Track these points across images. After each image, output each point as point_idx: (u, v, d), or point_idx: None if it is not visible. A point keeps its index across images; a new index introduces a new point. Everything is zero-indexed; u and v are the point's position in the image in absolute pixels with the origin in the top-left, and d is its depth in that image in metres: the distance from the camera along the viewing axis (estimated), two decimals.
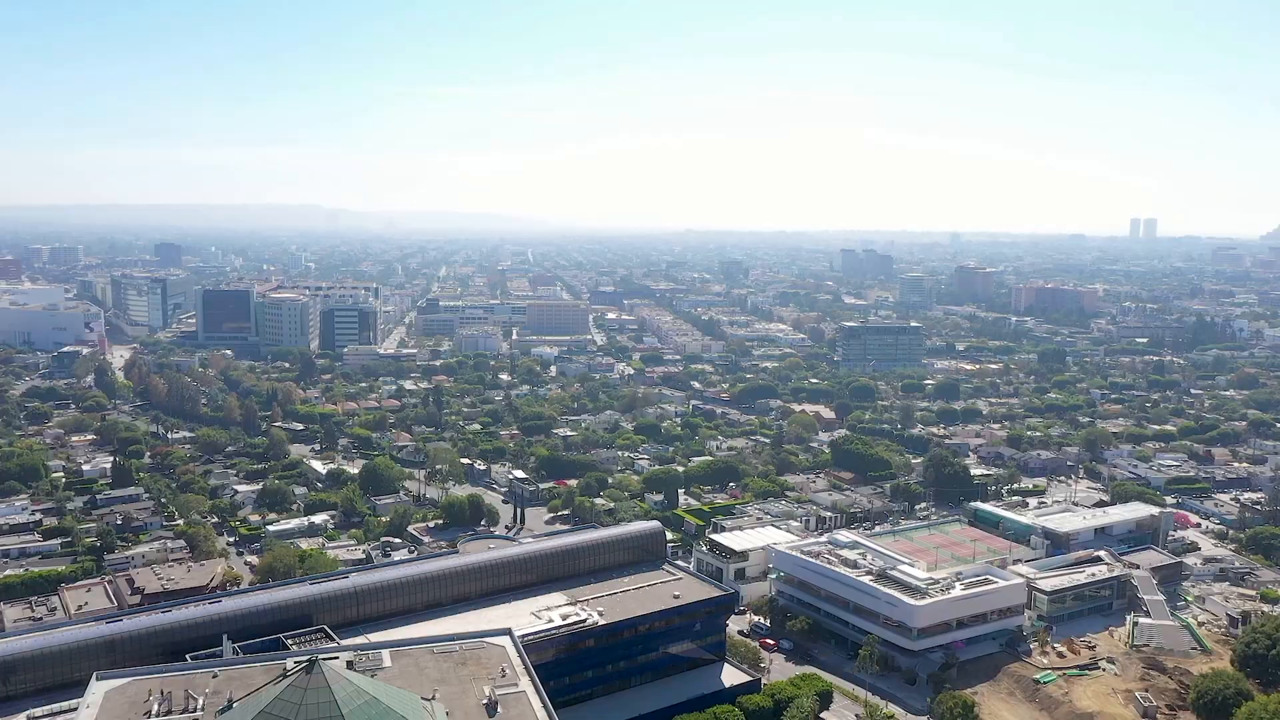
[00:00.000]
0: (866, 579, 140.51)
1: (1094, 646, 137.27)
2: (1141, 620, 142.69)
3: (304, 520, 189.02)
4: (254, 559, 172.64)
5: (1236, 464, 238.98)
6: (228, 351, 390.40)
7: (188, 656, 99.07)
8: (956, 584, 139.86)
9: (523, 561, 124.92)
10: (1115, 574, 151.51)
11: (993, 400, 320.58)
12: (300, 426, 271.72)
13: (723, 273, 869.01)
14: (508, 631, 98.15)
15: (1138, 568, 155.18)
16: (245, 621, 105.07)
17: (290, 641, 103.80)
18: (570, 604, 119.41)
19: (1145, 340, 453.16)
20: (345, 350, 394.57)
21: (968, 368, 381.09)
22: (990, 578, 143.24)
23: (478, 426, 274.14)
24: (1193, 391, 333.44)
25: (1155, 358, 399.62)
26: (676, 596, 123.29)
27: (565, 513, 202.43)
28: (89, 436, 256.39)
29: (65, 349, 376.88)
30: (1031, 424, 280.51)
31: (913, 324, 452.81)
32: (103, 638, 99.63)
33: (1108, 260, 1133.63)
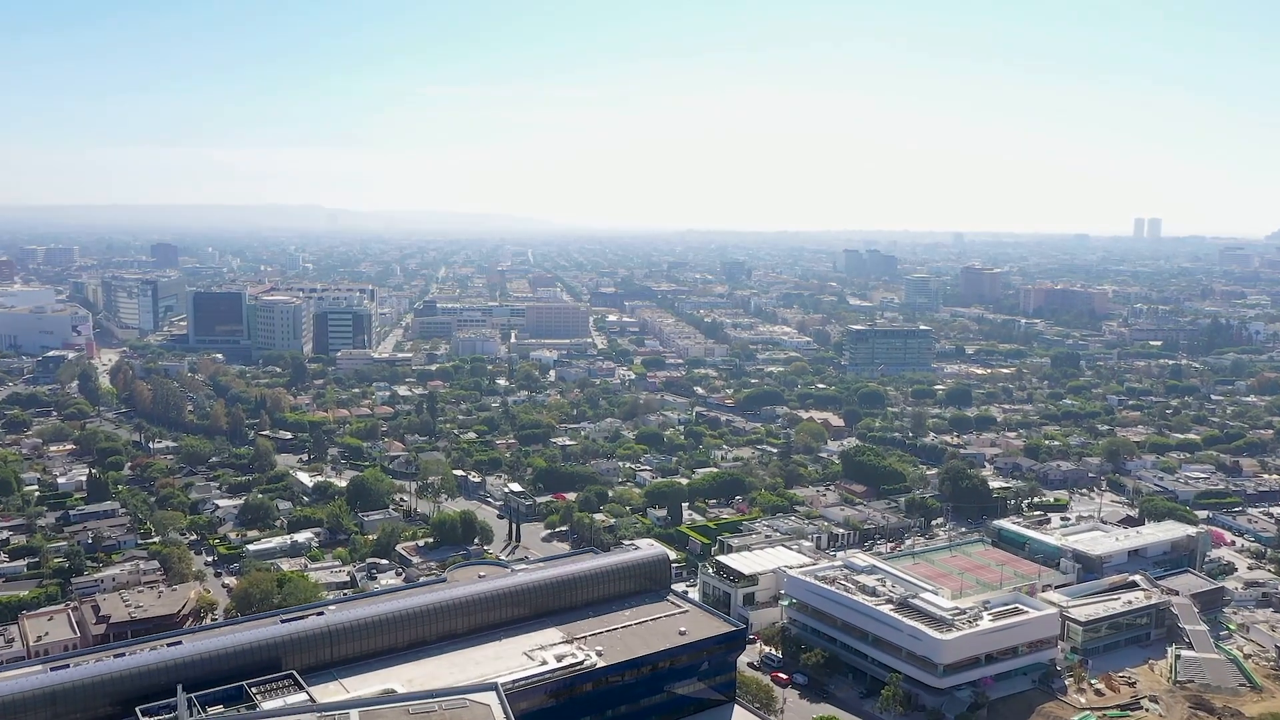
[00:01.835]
0: (886, 608, 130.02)
1: (1134, 683, 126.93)
2: (1184, 653, 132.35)
3: (286, 539, 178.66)
4: (232, 581, 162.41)
5: (1266, 475, 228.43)
6: (218, 355, 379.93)
7: (138, 710, 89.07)
8: (984, 614, 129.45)
9: (514, 595, 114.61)
10: (1153, 601, 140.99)
11: (1006, 406, 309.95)
12: (289, 435, 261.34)
13: (725, 273, 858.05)
14: (494, 687, 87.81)
15: (1176, 594, 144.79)
16: (205, 668, 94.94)
17: (254, 690, 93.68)
18: (566, 642, 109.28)
19: (1159, 343, 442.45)
20: (338, 354, 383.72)
21: (979, 372, 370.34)
22: (1020, 606, 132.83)
23: (473, 435, 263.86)
24: (1213, 397, 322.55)
25: (1171, 361, 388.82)
26: (683, 633, 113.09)
27: (563, 529, 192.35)
28: (68, 446, 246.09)
29: (51, 353, 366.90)
30: (1049, 432, 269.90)
31: (921, 327, 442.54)
32: (44, 689, 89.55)
33: (1113, 260, 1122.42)
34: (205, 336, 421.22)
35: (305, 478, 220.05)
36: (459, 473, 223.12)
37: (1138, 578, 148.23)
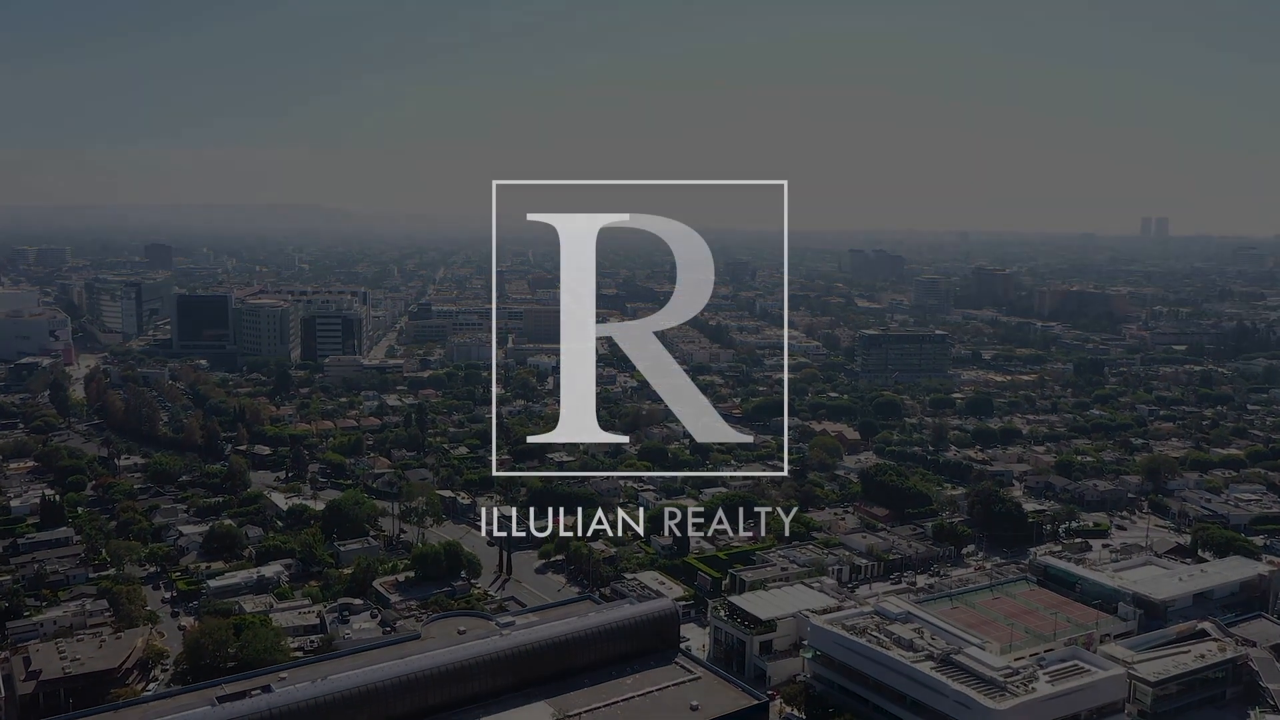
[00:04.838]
0: (927, 667, 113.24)
1: None
2: (1269, 717, 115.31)
3: (252, 573, 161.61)
4: (190, 621, 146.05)
5: None
6: (202, 362, 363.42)
7: None
8: (1040, 673, 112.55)
9: (498, 662, 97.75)
10: (1229, 655, 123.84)
11: (1030, 417, 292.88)
12: (267, 450, 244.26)
13: (728, 274, 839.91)
14: None
15: (1253, 644, 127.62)
16: None
17: None
18: None
19: (1183, 348, 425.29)
20: (326, 360, 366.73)
21: (998, 379, 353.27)
22: (1080, 663, 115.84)
23: (465, 450, 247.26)
24: (1249, 408, 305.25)
25: (1198, 367, 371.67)
26: (695, 708, 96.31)
27: (559, 559, 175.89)
28: (29, 464, 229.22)
29: (25, 360, 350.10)
30: (1079, 446, 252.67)
31: (937, 332, 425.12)
32: None
33: (1123, 260, 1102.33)
34: (190, 341, 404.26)
35: (280, 499, 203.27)
36: (447, 493, 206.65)
37: (1207, 625, 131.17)
